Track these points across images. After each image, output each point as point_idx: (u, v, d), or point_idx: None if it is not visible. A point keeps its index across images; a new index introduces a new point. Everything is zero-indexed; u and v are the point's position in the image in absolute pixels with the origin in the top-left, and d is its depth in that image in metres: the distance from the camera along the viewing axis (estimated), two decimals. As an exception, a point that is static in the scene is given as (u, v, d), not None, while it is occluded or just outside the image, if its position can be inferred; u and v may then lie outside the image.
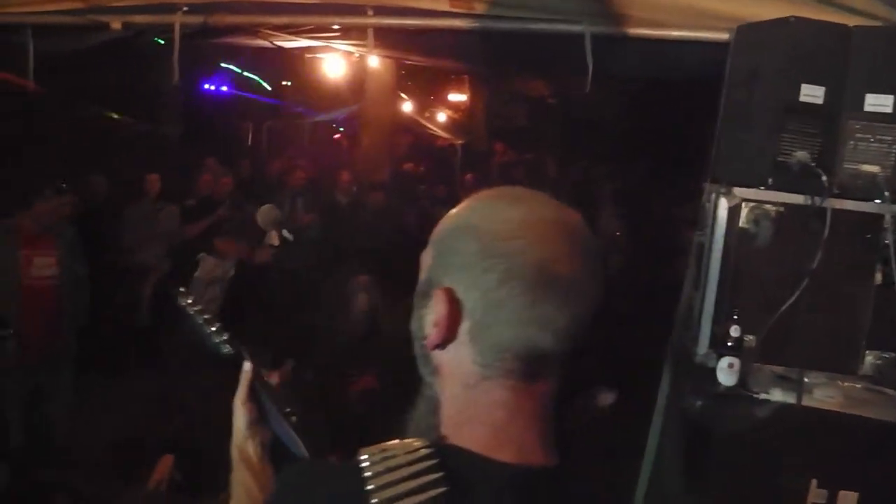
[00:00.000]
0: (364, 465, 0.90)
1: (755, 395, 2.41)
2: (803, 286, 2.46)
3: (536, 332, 0.92)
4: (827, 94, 2.57)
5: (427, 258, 1.03)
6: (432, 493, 0.87)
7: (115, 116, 9.01)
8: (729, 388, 2.40)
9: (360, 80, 9.00)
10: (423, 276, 1.03)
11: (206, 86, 12.31)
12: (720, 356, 2.43)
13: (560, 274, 0.92)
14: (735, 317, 2.42)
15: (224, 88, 12.48)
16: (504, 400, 0.95)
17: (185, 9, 3.61)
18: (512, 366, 0.93)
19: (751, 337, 2.48)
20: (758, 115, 2.65)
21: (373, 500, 0.86)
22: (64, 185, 4.84)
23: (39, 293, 4.67)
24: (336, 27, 3.87)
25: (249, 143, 12.59)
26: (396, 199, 6.82)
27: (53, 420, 4.79)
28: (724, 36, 2.91)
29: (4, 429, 4.54)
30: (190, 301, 1.60)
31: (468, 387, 0.96)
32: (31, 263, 4.68)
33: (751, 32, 2.73)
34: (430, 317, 0.98)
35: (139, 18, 3.70)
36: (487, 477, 0.91)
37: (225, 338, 1.54)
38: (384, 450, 0.92)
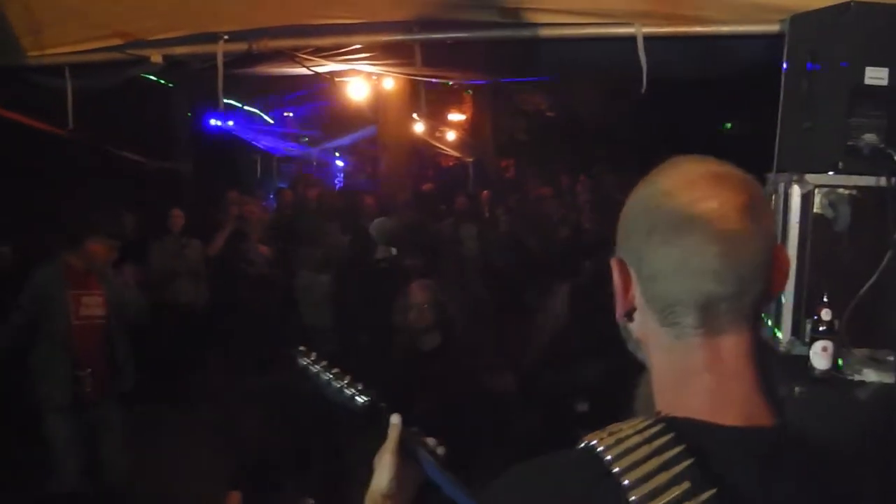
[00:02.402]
0: (599, 449, 0.88)
1: (850, 378, 2.41)
2: (884, 264, 2.47)
3: (697, 278, 0.91)
4: (891, 76, 2.59)
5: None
6: (679, 467, 0.85)
7: (131, 155, 9.05)
8: (823, 373, 2.40)
9: (370, 104, 9.07)
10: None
11: (212, 121, 12.37)
12: (812, 341, 2.43)
13: (702, 212, 0.90)
14: (825, 300, 2.42)
15: (230, 123, 12.53)
16: (704, 361, 0.94)
17: (226, 37, 3.63)
18: (691, 320, 0.92)
19: (836, 321, 2.49)
20: (822, 102, 2.66)
21: (624, 482, 0.84)
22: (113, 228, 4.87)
23: (89, 333, 4.67)
24: (357, 47, 3.91)
25: (258, 174, 12.66)
26: (423, 218, 6.86)
27: (109, 458, 4.76)
28: (776, 27, 2.95)
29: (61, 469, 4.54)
30: (312, 359, 1.55)
31: (666, 351, 0.96)
32: (80, 303, 4.67)
33: (808, 21, 2.75)
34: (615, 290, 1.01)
35: (180, 50, 3.73)
36: (725, 443, 0.89)
37: (359, 388, 1.49)
38: (613, 433, 0.90)
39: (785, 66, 2.82)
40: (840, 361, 2.41)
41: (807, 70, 2.71)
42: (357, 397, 1.48)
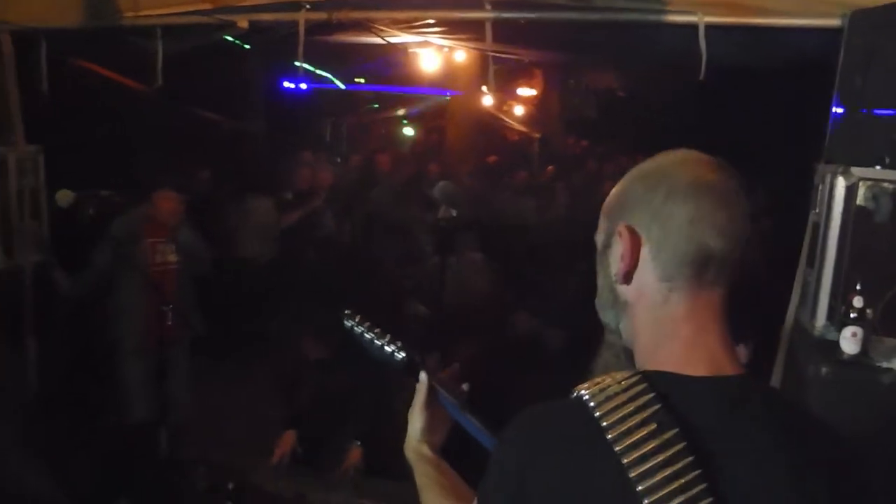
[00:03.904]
0: (585, 397, 1.06)
1: (877, 364, 2.53)
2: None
3: (703, 234, 1.09)
4: (943, 75, 2.67)
5: (601, 227, 1.22)
6: (650, 410, 1.02)
7: (208, 114, 9.35)
8: (852, 357, 2.52)
9: (440, 74, 9.20)
10: (601, 237, 1.22)
11: (286, 83, 12.62)
12: (842, 327, 2.55)
13: (711, 182, 1.11)
14: (858, 287, 2.53)
15: (303, 86, 12.76)
16: (689, 311, 1.11)
17: (308, 7, 3.84)
18: (690, 272, 1.10)
19: (870, 309, 2.60)
20: (874, 98, 2.75)
21: (603, 423, 1.02)
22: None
23: (164, 278, 4.96)
24: (430, 21, 4.08)
25: (328, 138, 12.90)
26: (485, 189, 7.05)
27: (176, 397, 5.09)
28: (836, 22, 3.02)
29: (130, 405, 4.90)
30: (357, 320, 1.74)
31: (657, 306, 1.13)
32: (155, 251, 4.98)
33: (866, 17, 2.83)
34: (615, 258, 1.17)
35: (265, 16, 3.95)
36: (690, 391, 1.06)
37: (399, 345, 1.69)
38: (598, 383, 1.08)
39: (841, 60, 2.91)
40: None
41: (862, 65, 2.80)
42: (396, 354, 1.68)
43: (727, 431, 1.04)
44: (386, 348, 1.71)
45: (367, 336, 1.74)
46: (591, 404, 1.04)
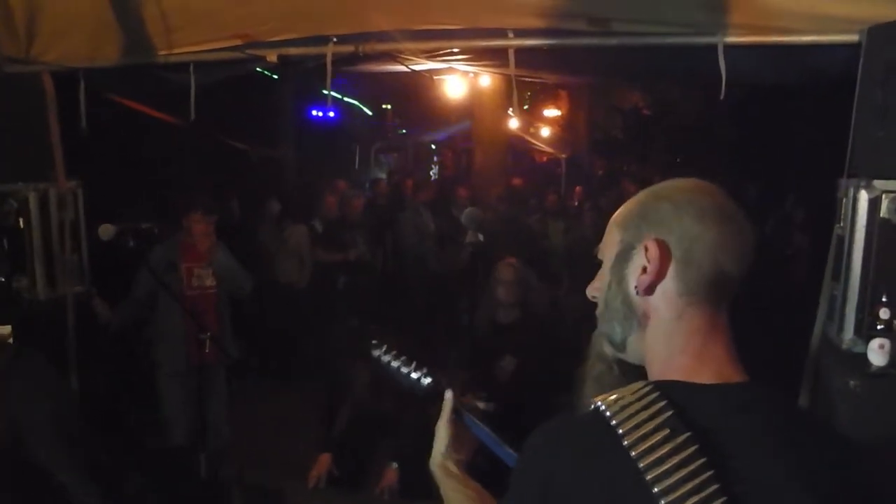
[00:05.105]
0: (602, 408, 1.12)
1: (906, 376, 2.54)
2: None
3: (725, 258, 1.17)
4: (963, 87, 2.69)
5: (614, 239, 1.27)
6: (663, 417, 1.08)
7: (237, 144, 9.56)
8: (880, 369, 2.54)
9: (466, 99, 9.33)
10: (614, 249, 1.27)
11: (314, 112, 12.87)
12: (870, 339, 2.57)
13: (730, 211, 1.19)
14: (884, 299, 2.56)
15: (331, 114, 13.00)
16: (700, 326, 1.19)
17: (335, 40, 3.95)
18: (707, 290, 1.18)
19: (896, 321, 2.62)
20: (894, 111, 2.78)
21: (620, 431, 1.08)
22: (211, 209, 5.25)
23: (201, 302, 5.05)
24: (455, 50, 4.17)
25: (357, 164, 13.08)
26: (514, 211, 7.13)
27: (214, 420, 5.17)
28: (854, 38, 3.05)
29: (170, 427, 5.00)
30: (384, 349, 1.85)
31: (671, 320, 1.20)
32: (192, 275, 5.09)
33: (884, 32, 2.87)
34: (634, 269, 1.22)
35: (293, 51, 4.06)
36: (700, 397, 1.12)
37: (424, 372, 1.78)
38: (612, 394, 1.14)
39: (860, 75, 2.95)
40: None
41: (881, 79, 2.83)
42: (423, 380, 1.78)
43: (736, 434, 1.09)
44: (412, 375, 1.80)
45: (394, 364, 1.83)
46: (608, 414, 1.11)
